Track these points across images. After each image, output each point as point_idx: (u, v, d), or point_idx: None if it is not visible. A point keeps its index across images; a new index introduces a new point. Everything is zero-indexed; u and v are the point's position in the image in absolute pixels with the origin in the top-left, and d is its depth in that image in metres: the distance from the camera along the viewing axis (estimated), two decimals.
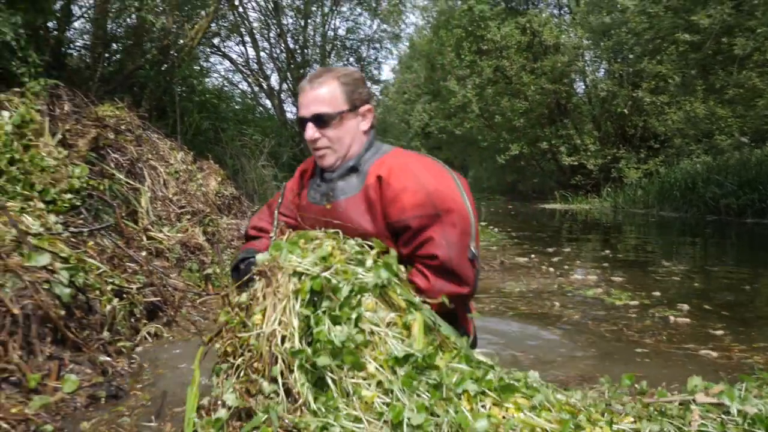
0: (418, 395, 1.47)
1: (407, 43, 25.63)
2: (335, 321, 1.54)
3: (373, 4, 19.16)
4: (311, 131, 1.98)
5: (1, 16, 4.26)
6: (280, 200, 2.19)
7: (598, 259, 6.59)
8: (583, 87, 21.48)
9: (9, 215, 2.52)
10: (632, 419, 1.54)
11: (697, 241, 8.79)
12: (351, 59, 20.83)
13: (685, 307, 4.05)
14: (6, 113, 3.65)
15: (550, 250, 7.26)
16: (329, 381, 1.49)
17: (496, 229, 9.63)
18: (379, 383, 1.50)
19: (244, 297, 1.70)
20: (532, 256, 6.60)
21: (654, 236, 9.96)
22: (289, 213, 2.19)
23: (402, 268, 1.83)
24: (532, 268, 5.81)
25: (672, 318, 3.77)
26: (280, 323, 1.55)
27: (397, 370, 1.51)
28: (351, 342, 1.51)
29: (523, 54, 20.23)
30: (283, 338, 1.54)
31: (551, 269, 5.71)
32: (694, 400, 1.64)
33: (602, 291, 4.61)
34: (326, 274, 1.60)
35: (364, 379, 1.51)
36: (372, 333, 1.58)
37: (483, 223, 9.70)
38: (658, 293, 4.52)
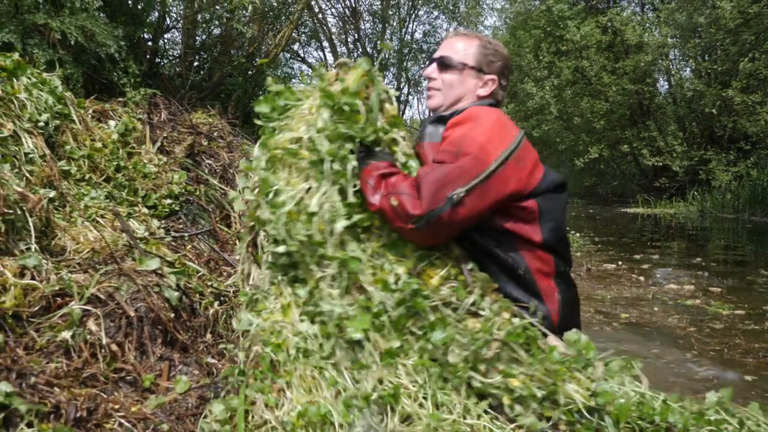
0: None
1: None
2: None
3: (450, 8, 19.08)
4: (431, 69, 2.11)
5: (105, 30, 4.48)
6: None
7: (691, 266, 6.32)
8: (667, 87, 20.72)
9: (122, 221, 2.64)
10: None
11: None
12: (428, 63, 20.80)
13: None
14: (112, 123, 3.84)
15: (638, 256, 7.02)
16: None
17: (577, 234, 9.40)
18: None
19: None
20: (620, 263, 6.41)
21: (747, 243, 9.47)
22: None
23: None
24: (621, 276, 5.63)
25: None
26: None
27: None
28: None
29: (603, 54, 19.68)
30: None
31: (641, 277, 5.53)
32: None
33: (701, 302, 4.42)
34: None
35: None
36: None
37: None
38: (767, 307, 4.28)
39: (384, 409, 1.49)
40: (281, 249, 1.78)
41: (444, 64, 2.07)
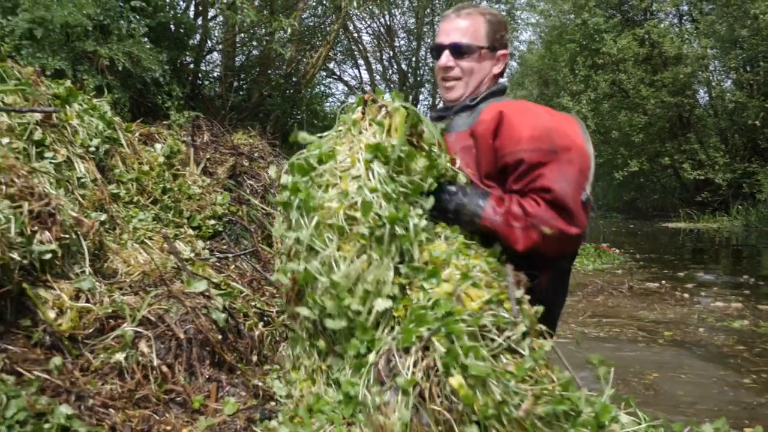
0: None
1: (518, 60, 25.25)
2: None
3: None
4: (446, 58, 1.98)
5: (150, 55, 4.61)
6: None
7: (738, 284, 6.17)
8: (708, 99, 20.34)
9: (171, 244, 2.70)
10: None
11: None
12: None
13: None
14: (158, 146, 3.94)
15: (681, 274, 6.88)
16: None
17: (617, 251, 9.24)
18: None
19: None
20: (663, 281, 6.28)
21: None
22: None
23: None
24: (665, 294, 5.53)
25: None
26: None
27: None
28: None
29: (641, 66, 19.45)
30: None
31: (685, 295, 5.41)
32: None
33: (749, 321, 4.31)
34: None
35: None
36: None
37: (604, 244, 9.33)
38: None
39: None
40: (333, 324, 1.65)
41: (460, 51, 1.96)
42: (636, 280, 6.32)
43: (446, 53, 1.98)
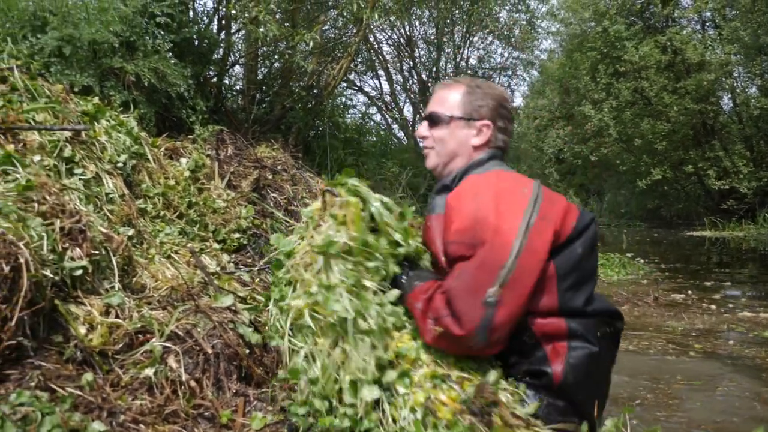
0: None
1: (538, 68, 25.15)
2: None
3: (505, 33, 19.09)
4: (423, 128, 2.00)
5: (175, 70, 4.67)
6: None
7: (766, 294, 6.07)
8: (732, 106, 20.08)
9: (198, 260, 2.73)
10: None
11: None
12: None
13: None
14: (183, 160, 3.98)
15: (708, 284, 6.78)
16: None
17: (641, 261, 9.14)
18: None
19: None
20: (689, 291, 6.20)
21: None
22: None
23: None
24: (692, 305, 5.45)
25: None
26: None
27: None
28: None
29: (663, 74, 19.26)
30: None
31: (713, 306, 5.34)
32: None
33: None
34: None
35: None
36: None
37: (629, 255, 9.23)
38: None
39: None
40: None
41: (433, 120, 1.96)
42: (661, 290, 6.24)
43: (424, 123, 2.00)
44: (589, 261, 1.75)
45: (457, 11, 17.49)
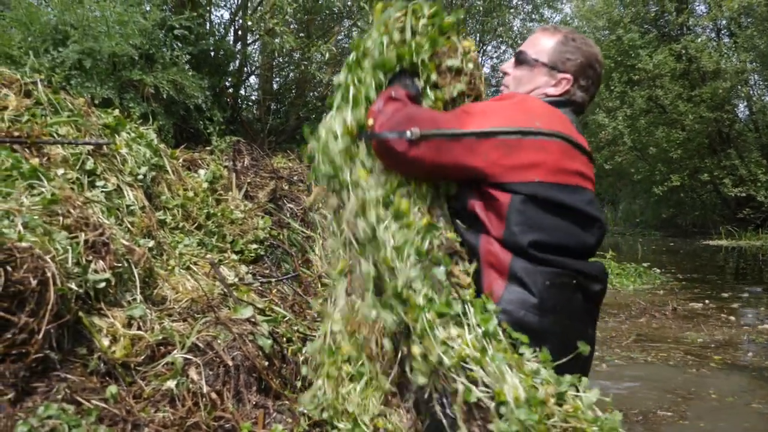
0: None
1: None
2: None
3: (519, 42, 19.09)
4: (508, 64, 1.98)
5: (193, 82, 4.72)
6: None
7: None
8: (748, 113, 19.94)
9: (218, 272, 2.75)
10: None
11: None
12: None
13: None
14: (202, 171, 4.02)
15: (726, 294, 6.72)
16: None
17: (657, 270, 9.07)
18: None
19: None
20: (707, 301, 6.15)
21: None
22: None
23: None
24: (710, 316, 5.40)
25: None
26: None
27: None
28: None
29: (678, 82, 19.17)
30: None
31: (731, 317, 5.29)
32: None
33: None
34: None
35: None
36: None
37: (645, 265, 9.17)
38: None
39: None
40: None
41: (519, 59, 1.93)
42: (679, 300, 6.20)
43: (511, 59, 1.98)
44: (568, 235, 1.69)
45: (470, 20, 17.51)
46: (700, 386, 3.34)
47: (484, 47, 19.29)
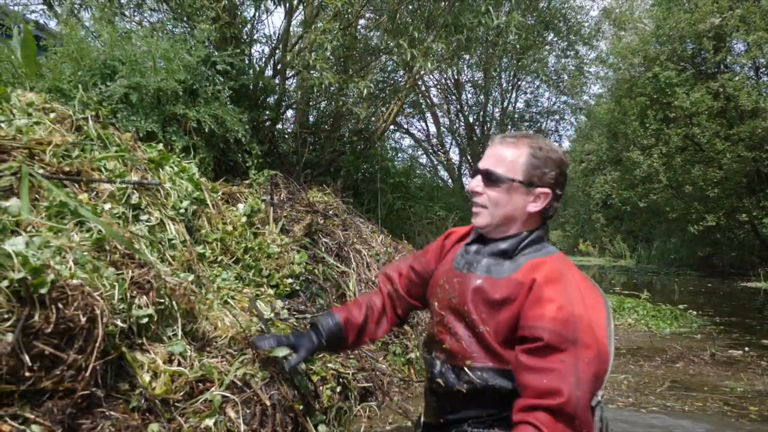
0: None
1: (585, 112, 25.03)
2: None
3: (554, 78, 19.14)
4: (476, 183, 1.90)
5: (233, 116, 4.82)
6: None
7: None
8: None
9: (258, 309, 2.77)
10: None
11: None
12: (530, 131, 20.81)
13: None
14: (240, 205, 4.08)
15: (766, 341, 6.52)
16: None
17: (695, 313, 8.86)
18: None
19: None
20: (746, 348, 5.98)
21: None
22: (420, 269, 2.21)
23: None
24: (750, 363, 5.25)
25: None
26: None
27: None
28: None
29: (715, 120, 18.96)
30: None
31: None
32: None
33: None
34: None
35: None
36: None
37: (681, 306, 8.98)
38: None
39: None
40: None
41: (491, 179, 1.86)
42: (718, 346, 6.03)
43: (478, 177, 1.91)
44: None
45: (505, 57, 17.64)
46: None
47: (519, 82, 19.40)
